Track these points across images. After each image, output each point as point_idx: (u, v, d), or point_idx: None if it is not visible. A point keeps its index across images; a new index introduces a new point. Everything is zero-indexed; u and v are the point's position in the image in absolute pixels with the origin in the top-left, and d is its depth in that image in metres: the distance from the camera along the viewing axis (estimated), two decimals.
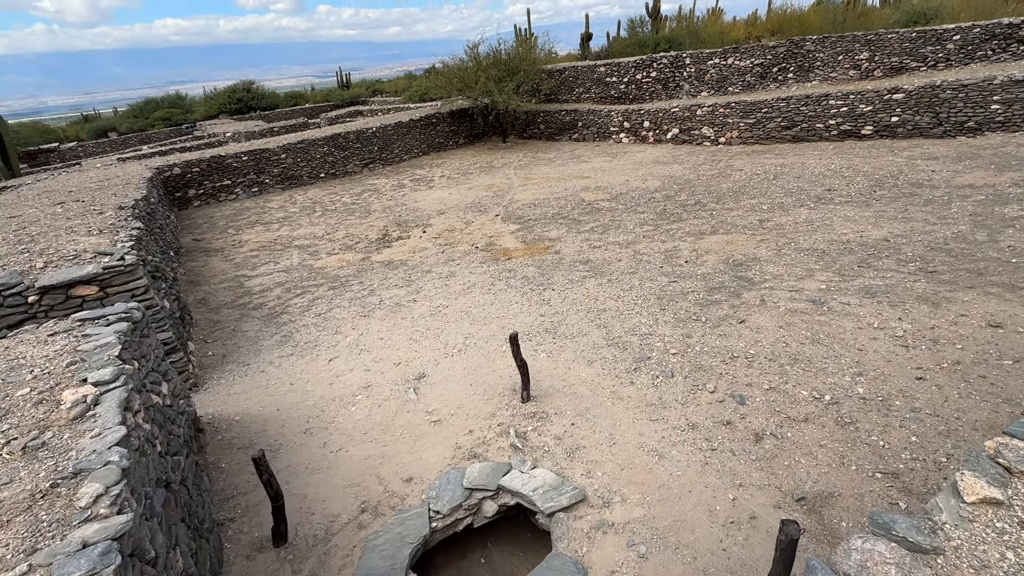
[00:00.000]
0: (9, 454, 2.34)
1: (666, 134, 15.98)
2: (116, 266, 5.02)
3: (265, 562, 3.46)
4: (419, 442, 4.47)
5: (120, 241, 5.80)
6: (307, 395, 5.36)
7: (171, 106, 40.07)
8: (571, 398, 4.76)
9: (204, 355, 6.44)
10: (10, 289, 4.60)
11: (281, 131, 23.68)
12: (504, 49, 18.76)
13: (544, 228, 9.86)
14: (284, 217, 12.63)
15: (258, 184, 15.35)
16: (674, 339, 5.50)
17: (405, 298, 7.42)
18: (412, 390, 5.17)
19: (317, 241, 10.58)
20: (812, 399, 4.36)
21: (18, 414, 2.68)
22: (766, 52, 15.76)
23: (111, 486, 2.10)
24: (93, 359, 3.17)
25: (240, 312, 7.65)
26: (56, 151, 30.08)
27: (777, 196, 9.91)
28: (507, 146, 18.92)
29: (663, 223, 9.30)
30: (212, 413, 5.23)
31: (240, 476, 4.29)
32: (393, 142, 17.88)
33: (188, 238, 11.59)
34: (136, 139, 32.72)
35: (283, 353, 6.30)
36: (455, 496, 3.78)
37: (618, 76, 18.39)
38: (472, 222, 10.78)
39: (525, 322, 6.27)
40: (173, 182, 14.18)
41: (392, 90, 41.43)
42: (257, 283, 8.71)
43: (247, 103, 37.83)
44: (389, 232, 10.66)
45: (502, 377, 5.22)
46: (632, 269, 7.44)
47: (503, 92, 17.03)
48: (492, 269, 8.13)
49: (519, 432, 4.37)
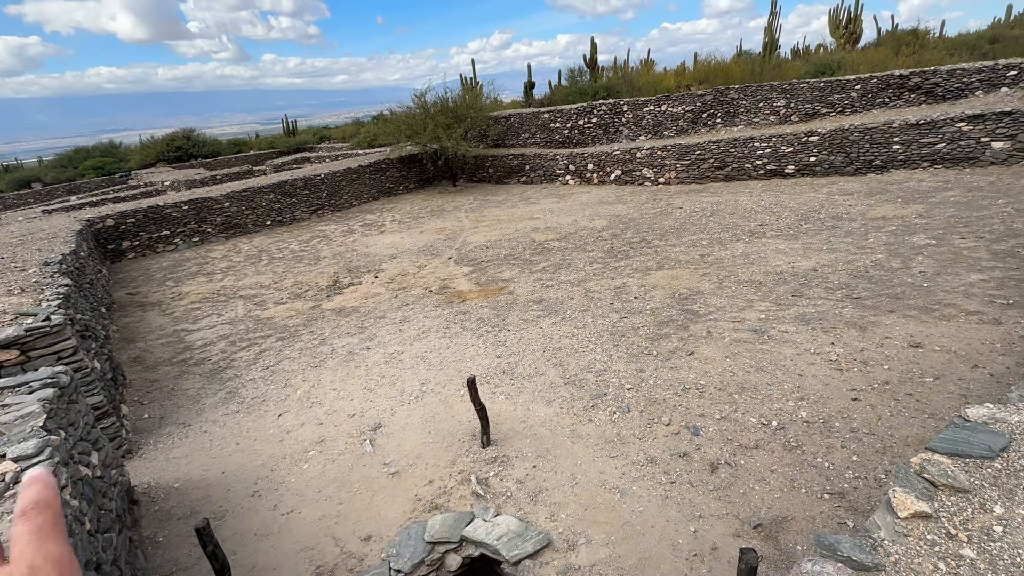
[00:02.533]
0: None
1: (609, 175, 16.75)
2: (41, 327, 4.68)
3: None
4: (377, 496, 4.30)
5: (45, 300, 5.44)
6: (255, 455, 5.08)
7: (103, 155, 38.44)
8: (531, 439, 4.74)
9: (139, 418, 6.01)
10: None
11: (224, 179, 23.11)
12: (451, 97, 19.37)
13: (497, 269, 9.99)
14: (228, 267, 12.20)
15: (200, 233, 14.81)
16: (628, 374, 5.63)
17: (358, 346, 7.26)
18: (368, 442, 5.01)
19: (264, 291, 10.25)
20: (760, 425, 4.54)
21: None
22: (695, 100, 17.01)
23: None
24: (14, 431, 2.92)
25: (180, 369, 7.22)
26: None
27: (715, 232, 10.51)
28: (457, 190, 19.23)
29: (611, 261, 9.63)
30: (148, 481, 4.85)
31: (180, 549, 3.97)
32: (342, 188, 17.82)
33: (122, 292, 10.95)
34: (64, 189, 31.02)
35: (228, 411, 5.97)
36: (416, 552, 3.64)
37: (561, 122, 19.28)
38: (425, 266, 10.79)
39: (482, 364, 6.26)
40: (105, 234, 13.48)
41: (340, 136, 41.56)
42: (199, 337, 8.29)
43: (187, 151, 36.85)
44: (340, 279, 10.48)
45: (461, 423, 5.15)
46: (584, 307, 7.62)
47: (451, 138, 17.47)
48: (447, 312, 8.11)
49: (480, 479, 4.30)
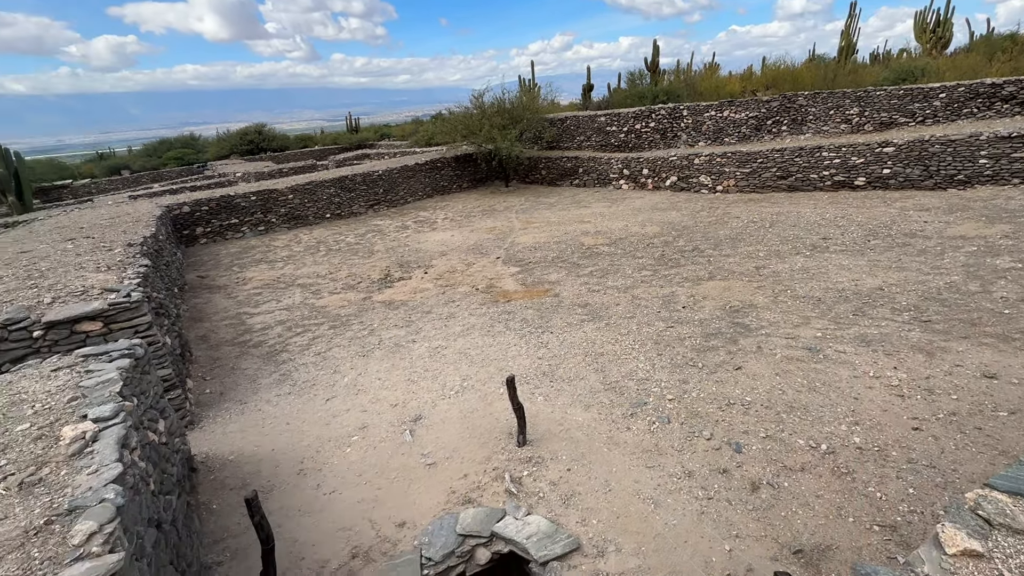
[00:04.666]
0: (5, 490, 2.37)
1: (664, 181, 16.40)
2: (122, 303, 5.11)
3: None
4: (413, 486, 4.43)
5: (127, 278, 5.93)
6: (303, 435, 5.34)
7: (184, 146, 41.25)
8: (567, 443, 4.74)
9: (202, 392, 6.44)
10: (16, 324, 4.68)
11: (290, 172, 24.31)
12: (508, 98, 19.53)
13: (544, 271, 10.01)
14: (288, 256, 12.84)
15: (265, 223, 15.66)
16: (671, 384, 5.52)
17: (404, 338, 7.47)
18: (408, 432, 5.16)
19: (320, 280, 10.72)
20: (809, 448, 4.34)
21: (17, 449, 2.71)
22: (760, 106, 16.37)
23: (105, 524, 2.12)
24: (94, 395, 3.22)
25: (240, 350, 7.69)
26: (69, 187, 30.81)
27: (773, 244, 10.10)
28: (509, 190, 19.39)
29: (661, 268, 9.44)
30: (206, 452, 5.20)
31: (231, 518, 4.24)
32: (398, 185, 18.35)
33: (193, 275, 11.75)
34: (148, 177, 33.54)
35: (281, 392, 6.31)
36: (448, 543, 3.72)
37: (618, 125, 19.05)
38: (473, 264, 10.95)
39: (523, 365, 6.30)
40: (182, 220, 14.49)
41: (399, 134, 42.80)
42: (258, 321, 8.78)
43: (258, 144, 38.96)
44: (391, 272, 10.81)
45: (499, 420, 5.21)
46: (630, 314, 7.52)
47: (506, 139, 17.62)
48: (491, 311, 8.21)
49: (514, 477, 4.34)
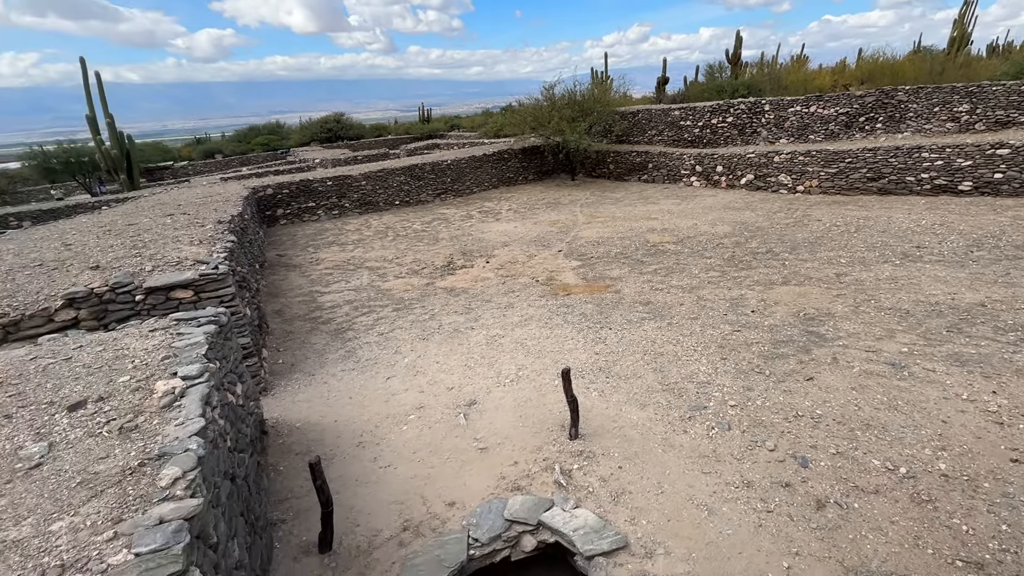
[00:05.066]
0: (108, 432, 2.65)
1: (740, 179, 15.63)
2: (210, 274, 5.55)
3: (310, 566, 3.60)
4: (464, 467, 4.52)
5: (216, 252, 6.41)
6: (364, 410, 5.59)
7: (270, 133, 43.89)
8: (620, 440, 4.66)
9: (275, 362, 6.89)
10: (123, 288, 5.19)
11: (364, 160, 25.33)
12: (579, 90, 19.28)
13: (606, 267, 9.85)
14: (359, 240, 13.40)
15: (339, 207, 16.43)
16: (734, 390, 5.28)
17: (463, 325, 7.62)
18: (462, 416, 5.27)
19: (386, 264, 11.12)
20: (885, 470, 4.02)
21: (118, 398, 3.02)
22: (853, 101, 15.18)
23: (188, 471, 2.32)
24: (184, 356, 3.52)
25: (311, 325, 8.14)
26: (170, 168, 33.72)
27: (858, 250, 9.38)
28: (575, 184, 19.19)
29: (730, 270, 9.03)
30: (276, 417, 5.56)
31: (295, 480, 4.51)
32: (465, 175, 18.65)
33: (272, 253, 12.55)
34: (237, 161, 36.05)
35: (345, 367, 6.62)
36: (495, 526, 3.78)
37: (693, 120, 18.32)
38: (535, 256, 10.96)
39: (579, 359, 6.25)
40: (265, 201, 15.48)
41: (469, 125, 43.39)
42: (328, 299, 9.25)
43: (336, 133, 40.82)
44: (454, 260, 11.03)
45: (552, 412, 5.21)
46: (694, 315, 7.26)
47: (575, 131, 17.42)
48: (550, 303, 8.19)
49: (564, 469, 4.33)
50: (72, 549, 1.90)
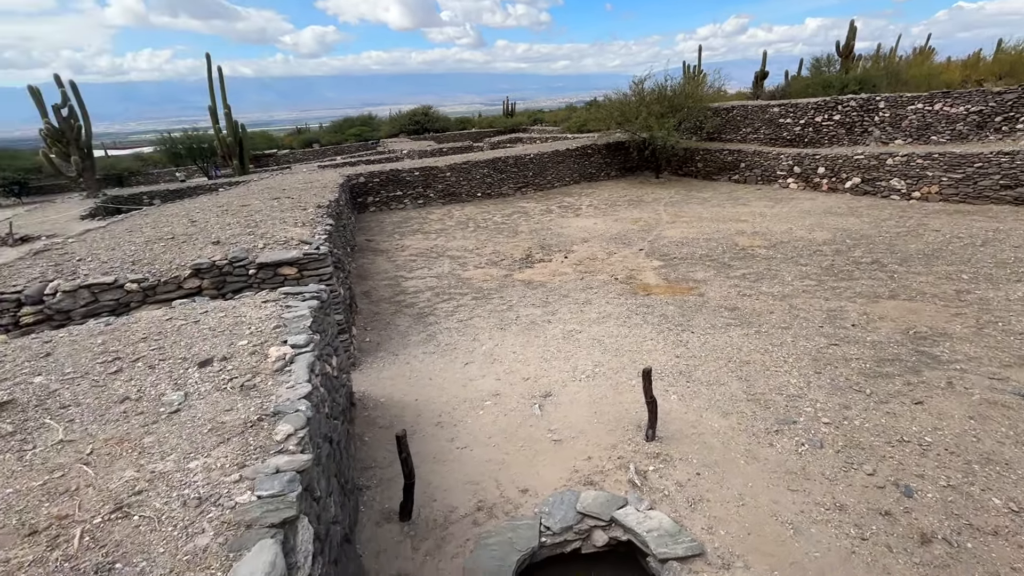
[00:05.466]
0: (232, 388, 2.96)
1: (844, 183, 14.43)
2: (312, 254, 5.99)
3: (390, 532, 3.83)
4: (538, 457, 4.59)
5: (317, 234, 6.91)
6: (442, 392, 5.82)
7: (362, 124, 46.25)
8: (699, 447, 4.52)
9: (363, 340, 7.33)
10: (239, 262, 5.74)
11: (449, 152, 26.06)
12: (670, 85, 18.62)
13: (689, 268, 9.50)
14: (441, 229, 13.86)
15: (423, 197, 17.07)
16: (828, 407, 4.93)
17: (540, 318, 7.68)
18: (537, 406, 5.34)
19: (467, 254, 11.42)
20: (1008, 511, 3.60)
21: (238, 359, 3.36)
22: (988, 98, 13.50)
23: (298, 429, 2.55)
24: (292, 326, 3.85)
25: (395, 308, 8.56)
26: (274, 156, 36.51)
27: (985, 266, 8.37)
28: (660, 182, 18.62)
29: (828, 279, 8.39)
30: (363, 391, 5.92)
31: (379, 452, 4.80)
32: (547, 169, 18.67)
33: (362, 238, 13.29)
34: (333, 150, 38.36)
35: (426, 350, 6.91)
36: (567, 517, 3.81)
37: (793, 117, 17.13)
38: (614, 253, 10.79)
39: (658, 360, 6.11)
40: (357, 189, 16.40)
41: (552, 120, 43.30)
42: (412, 284, 9.67)
43: (423, 125, 42.27)
44: (532, 254, 11.12)
45: (628, 411, 5.14)
46: (785, 324, 6.84)
47: (663, 127, 16.87)
48: (629, 302, 8.05)
49: (639, 469, 4.27)
50: (206, 485, 2.16)
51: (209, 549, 1.83)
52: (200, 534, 1.91)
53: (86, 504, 2.06)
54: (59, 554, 1.82)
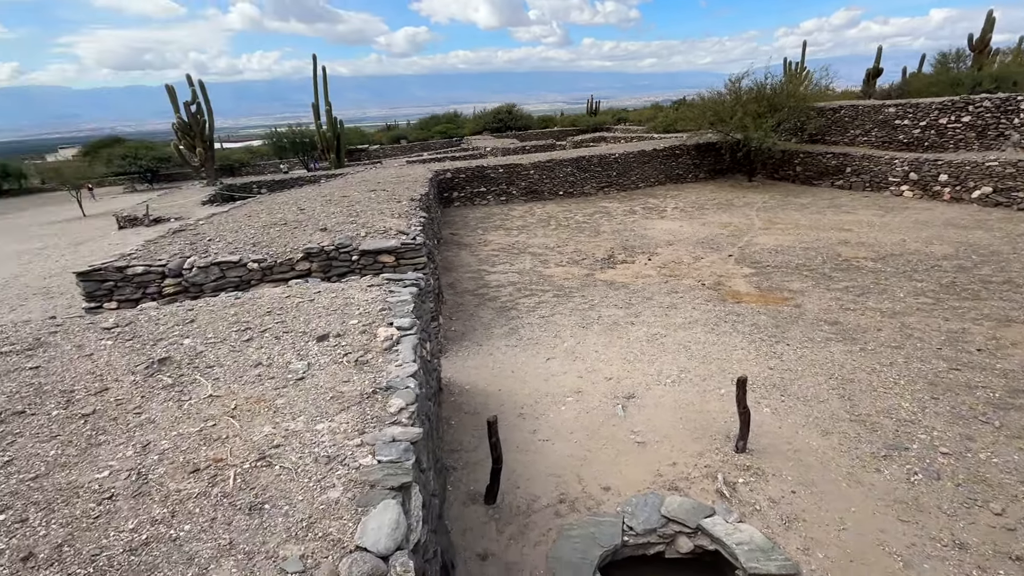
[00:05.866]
0: (347, 363, 3.22)
1: (971, 192, 12.96)
2: (409, 244, 6.31)
3: (476, 513, 3.98)
4: (621, 457, 4.57)
5: (412, 225, 7.26)
6: (524, 384, 5.93)
7: (448, 122, 47.69)
8: (795, 464, 4.29)
9: (448, 329, 7.62)
10: (344, 248, 6.18)
11: (531, 150, 26.27)
12: (770, 83, 17.59)
13: (784, 277, 8.97)
14: (523, 226, 14.04)
15: (506, 194, 17.35)
16: (947, 437, 4.50)
17: (623, 319, 7.59)
18: (620, 407, 5.30)
19: (548, 251, 11.50)
20: None
21: (351, 337, 3.64)
22: None
23: (409, 404, 2.74)
24: (396, 310, 4.10)
25: (478, 300, 8.81)
26: (366, 151, 38.58)
27: None
28: (752, 186, 17.67)
29: (949, 298, 7.60)
30: (449, 378, 6.17)
31: (464, 436, 4.99)
32: (631, 169, 18.32)
33: (447, 231, 13.77)
34: (419, 147, 39.88)
35: (508, 343, 7.07)
36: (651, 519, 3.77)
37: (912, 119, 15.60)
38: (701, 258, 10.42)
39: (749, 371, 5.84)
40: (443, 184, 16.97)
41: (636, 119, 42.35)
42: (494, 279, 9.90)
43: (506, 123, 42.85)
44: (615, 254, 10.98)
45: (715, 419, 4.98)
46: (896, 343, 6.29)
47: (760, 128, 15.98)
48: (718, 309, 7.75)
49: (728, 481, 4.13)
50: (333, 446, 2.38)
51: (340, 502, 2.03)
52: (331, 488, 2.11)
53: (235, 451, 2.35)
54: (218, 490, 2.09)
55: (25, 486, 2.14)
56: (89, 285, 5.72)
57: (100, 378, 3.06)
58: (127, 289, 5.78)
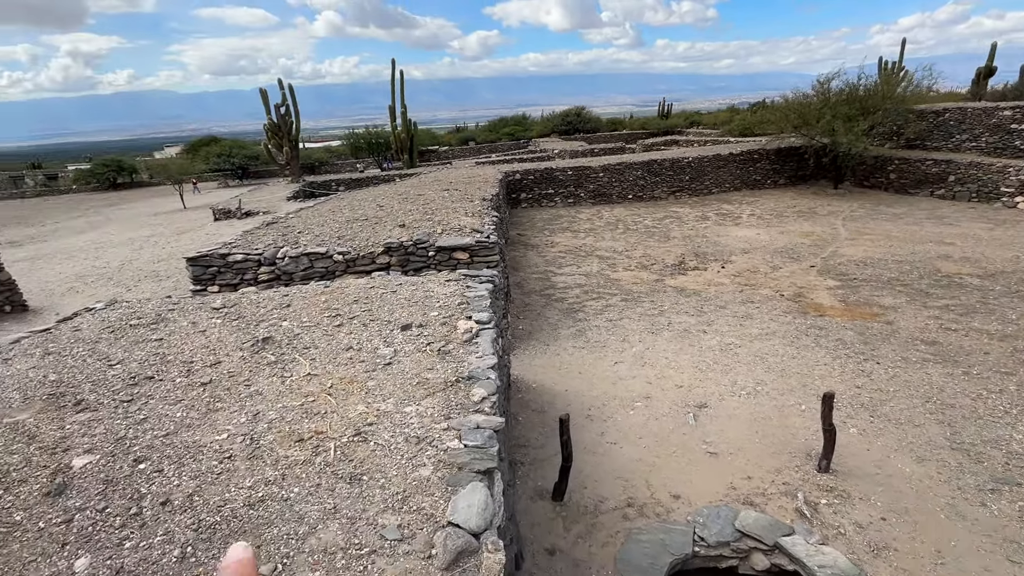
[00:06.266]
0: (431, 352, 3.37)
1: None
2: (483, 241, 6.46)
3: (543, 509, 4.03)
4: (691, 467, 4.46)
5: (486, 224, 7.42)
6: (592, 386, 5.91)
7: (516, 124, 48.11)
8: (885, 490, 4.01)
9: (516, 327, 7.72)
10: (421, 244, 6.43)
11: (600, 152, 26.03)
12: (863, 84, 16.42)
13: (874, 291, 8.37)
14: (590, 228, 13.95)
15: (574, 196, 17.30)
16: None
17: (695, 327, 7.38)
18: (691, 416, 5.17)
19: (616, 255, 11.36)
20: None
21: (432, 328, 3.79)
22: None
23: (491, 395, 2.83)
24: (474, 304, 4.23)
25: (545, 301, 8.86)
26: (436, 152, 39.69)
27: None
28: (838, 193, 16.58)
29: None
30: (516, 375, 6.26)
31: (531, 432, 5.06)
32: (705, 174, 17.72)
33: (514, 232, 13.92)
34: (487, 148, 40.50)
35: (575, 345, 7.06)
36: (724, 532, 3.66)
37: None
38: (780, 268, 9.92)
39: (835, 388, 5.50)
40: (512, 185, 17.17)
41: (711, 122, 40.89)
42: (561, 280, 9.91)
43: (575, 125, 42.67)
44: (686, 260, 10.68)
45: (795, 436, 4.74)
46: (1008, 369, 5.70)
47: (851, 132, 14.95)
48: (798, 322, 7.36)
49: (809, 500, 3.93)
50: (421, 428, 2.51)
51: (431, 480, 2.14)
52: (422, 467, 2.23)
53: (333, 426, 2.53)
54: (321, 459, 2.27)
55: (159, 441, 2.41)
56: (196, 269, 6.30)
57: (214, 352, 3.38)
58: (228, 274, 6.31)
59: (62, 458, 2.29)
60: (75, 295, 10.35)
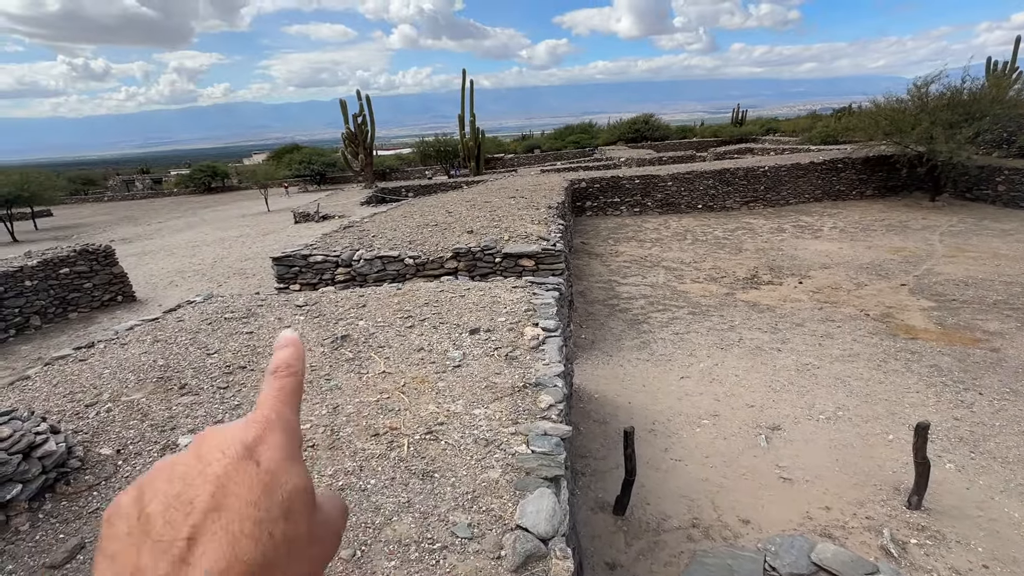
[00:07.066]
0: (498, 356, 3.43)
1: None
2: (549, 249, 6.50)
3: (604, 522, 3.97)
4: (763, 491, 4.24)
5: (552, 232, 7.45)
6: (656, 400, 5.76)
7: (582, 132, 47.88)
8: (988, 535, 3.63)
9: (578, 336, 7.67)
10: (488, 250, 6.55)
11: (668, 161, 25.39)
12: (967, 88, 15.01)
13: (977, 315, 7.60)
14: (656, 238, 13.62)
15: (640, 205, 16.97)
16: None
17: (768, 344, 7.02)
18: (764, 438, 4.91)
19: (683, 267, 11.02)
20: None
21: (499, 333, 3.86)
22: None
23: (557, 402, 2.84)
24: (541, 311, 4.26)
25: (609, 310, 8.74)
26: (502, 159, 40.24)
27: None
28: (935, 206, 15.22)
29: None
30: (577, 384, 6.21)
31: (593, 443, 5.00)
32: (782, 184, 16.83)
33: (578, 240, 13.85)
34: (552, 156, 40.56)
35: (640, 357, 6.92)
36: (798, 564, 3.44)
37: None
38: (865, 285, 9.23)
39: (929, 419, 5.05)
40: (577, 193, 17.10)
41: (789, 129, 38.82)
42: (625, 290, 9.75)
43: (643, 133, 41.89)
44: (759, 274, 10.19)
45: (881, 467, 4.39)
46: None
47: (952, 139, 13.70)
48: (886, 344, 6.81)
49: (896, 538, 3.62)
50: (489, 431, 2.56)
51: (499, 482, 2.18)
52: (490, 468, 2.28)
53: (407, 423, 2.63)
54: (395, 455, 2.37)
55: None
56: (280, 268, 6.76)
57: None
58: (308, 274, 6.72)
59: (170, 436, 2.54)
60: (175, 288, 11.39)
